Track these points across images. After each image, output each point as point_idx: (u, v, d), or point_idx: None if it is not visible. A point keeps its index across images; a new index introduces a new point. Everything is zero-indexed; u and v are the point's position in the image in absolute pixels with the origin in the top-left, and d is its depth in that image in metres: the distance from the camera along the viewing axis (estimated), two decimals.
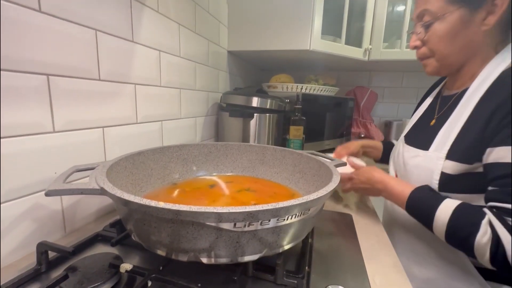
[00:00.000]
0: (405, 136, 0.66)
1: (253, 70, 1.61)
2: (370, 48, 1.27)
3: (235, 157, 0.69)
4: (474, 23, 0.48)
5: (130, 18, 0.60)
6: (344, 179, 0.63)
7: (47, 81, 0.43)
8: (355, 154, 0.79)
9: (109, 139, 0.57)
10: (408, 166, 0.57)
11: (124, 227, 0.46)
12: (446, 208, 0.45)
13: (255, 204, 0.28)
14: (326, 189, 0.34)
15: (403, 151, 0.61)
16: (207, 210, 0.27)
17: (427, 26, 0.52)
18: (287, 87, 1.24)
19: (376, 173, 0.57)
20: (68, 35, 0.46)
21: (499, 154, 0.42)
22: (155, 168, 0.57)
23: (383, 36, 1.27)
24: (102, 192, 0.33)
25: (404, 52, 1.26)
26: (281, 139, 1.07)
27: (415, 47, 0.56)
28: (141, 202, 0.28)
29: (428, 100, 0.66)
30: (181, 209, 0.27)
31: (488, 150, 0.44)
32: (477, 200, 0.47)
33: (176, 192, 0.55)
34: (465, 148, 0.47)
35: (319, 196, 0.32)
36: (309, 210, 0.33)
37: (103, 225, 0.49)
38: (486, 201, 0.45)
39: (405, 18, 1.22)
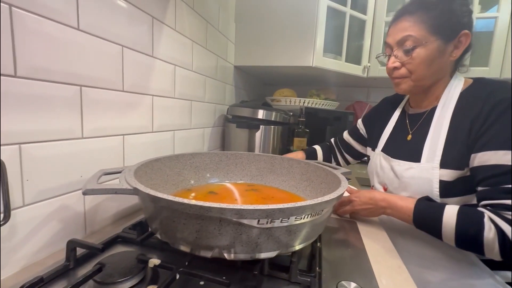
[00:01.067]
0: (384, 151, 0.70)
1: (257, 84, 1.67)
2: (369, 66, 1.35)
3: (244, 165, 0.72)
4: (446, 53, 0.57)
5: (152, 35, 0.65)
6: (343, 202, 0.65)
7: (79, 92, 0.47)
8: None
9: (127, 146, 0.60)
10: (403, 178, 0.61)
11: (144, 229, 0.48)
12: (450, 215, 0.49)
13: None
14: (337, 191, 0.38)
15: (391, 165, 0.65)
16: (235, 207, 0.30)
17: (409, 51, 0.58)
18: (290, 101, 1.30)
19: (377, 193, 0.60)
20: (100, 50, 0.50)
21: (482, 158, 0.49)
22: (171, 174, 0.60)
23: None
24: (134, 191, 0.36)
25: None
26: (285, 150, 1.11)
27: (395, 68, 0.61)
28: (175, 200, 0.31)
29: (394, 117, 0.73)
30: (212, 205, 0.30)
31: (472, 155, 0.51)
32: (472, 199, 0.54)
33: (191, 196, 0.58)
34: (454, 157, 0.54)
35: (331, 198, 0.35)
36: (322, 210, 0.36)
37: (120, 227, 0.52)
38: (478, 200, 0.50)
39: None
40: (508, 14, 1.17)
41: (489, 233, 0.45)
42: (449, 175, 0.54)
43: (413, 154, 0.61)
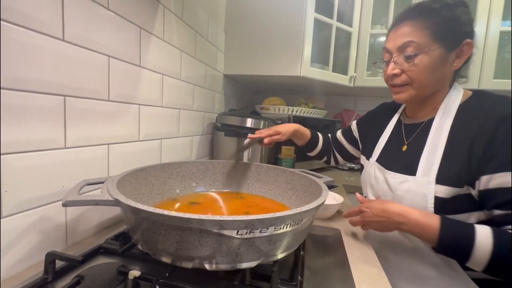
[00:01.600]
0: (379, 161, 0.67)
1: (247, 92, 1.69)
2: (355, 76, 1.39)
3: (231, 174, 0.73)
4: (448, 63, 0.55)
5: (139, 45, 0.66)
6: (354, 212, 0.60)
7: (63, 102, 0.47)
8: (283, 139, 0.80)
9: (113, 155, 0.60)
10: (398, 191, 0.57)
11: (127, 239, 0.48)
12: (484, 237, 0.45)
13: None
14: (317, 202, 0.39)
15: (385, 176, 0.62)
16: (214, 218, 0.31)
17: (410, 57, 0.55)
18: (279, 109, 1.32)
19: (392, 205, 0.53)
20: (85, 60, 0.51)
21: (499, 180, 0.46)
22: (156, 183, 0.60)
23: (367, 65, 1.39)
24: (115, 203, 0.36)
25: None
26: (273, 159, 1.12)
27: (395, 75, 0.58)
28: (155, 211, 0.32)
29: (390, 126, 0.71)
30: (191, 217, 0.31)
31: (486, 177, 0.47)
32: (470, 218, 0.51)
33: (176, 206, 0.58)
34: (452, 173, 0.51)
35: (310, 208, 0.37)
36: (302, 220, 0.37)
37: (103, 238, 0.51)
38: (499, 224, 0.47)
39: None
40: (484, 27, 1.23)
41: None
42: (445, 191, 0.51)
43: (409, 166, 0.58)
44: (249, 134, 0.75)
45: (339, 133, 0.92)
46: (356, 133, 0.86)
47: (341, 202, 0.73)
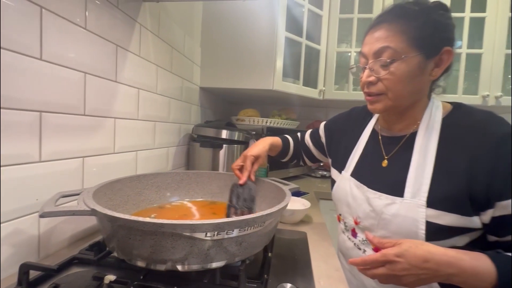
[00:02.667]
0: (355, 176, 0.62)
1: (223, 104, 1.74)
2: (324, 89, 1.50)
3: (205, 184, 0.77)
4: (426, 71, 0.51)
5: (115, 61, 0.69)
6: (373, 262, 0.44)
7: (39, 117, 0.49)
8: (263, 162, 0.72)
9: (87, 168, 0.62)
10: (384, 214, 0.52)
11: (102, 248, 0.50)
12: None
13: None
14: (277, 206, 0.44)
15: (368, 196, 0.56)
16: (184, 222, 0.35)
17: (386, 64, 0.50)
18: (254, 120, 1.38)
19: (434, 249, 0.43)
20: (62, 77, 0.53)
21: None
22: (131, 194, 0.63)
23: (334, 80, 1.51)
24: (92, 212, 0.39)
25: (351, 93, 1.50)
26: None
27: (370, 83, 0.54)
28: (131, 218, 0.35)
29: (364, 137, 0.65)
30: (164, 222, 0.35)
31: (503, 203, 0.44)
32: (460, 241, 0.48)
33: (153, 216, 0.60)
34: (446, 196, 0.47)
35: (272, 211, 0.42)
36: (264, 222, 0.42)
37: (76, 249, 0.53)
38: (508, 249, 0.45)
39: (351, 64, 1.48)
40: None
41: None
42: (437, 216, 0.47)
43: (394, 186, 0.53)
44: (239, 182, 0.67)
45: (307, 136, 0.85)
46: (323, 139, 0.80)
47: (308, 207, 0.80)
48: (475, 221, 0.47)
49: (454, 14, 1.44)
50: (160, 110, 0.93)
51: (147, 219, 0.35)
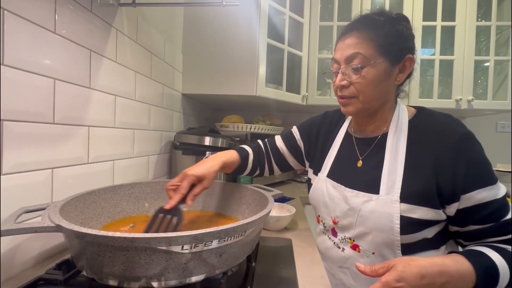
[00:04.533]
0: (331, 177, 0.64)
1: (207, 110, 1.72)
2: (307, 95, 1.51)
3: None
4: (392, 76, 0.56)
5: (89, 67, 0.66)
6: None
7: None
8: (209, 186, 0.60)
9: (57, 180, 0.57)
10: (361, 211, 0.55)
11: (72, 267, 0.46)
12: (500, 263, 0.46)
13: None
14: (258, 214, 0.43)
15: (345, 195, 0.59)
16: (159, 236, 0.33)
17: (357, 69, 0.54)
18: (238, 127, 1.37)
19: (424, 262, 0.44)
20: (27, 84, 0.50)
21: (477, 197, 0.49)
22: (106, 206, 0.59)
23: (316, 85, 1.53)
24: (57, 229, 0.36)
25: (333, 98, 1.53)
26: (231, 175, 1.15)
27: (343, 86, 0.57)
28: (99, 234, 0.32)
29: (338, 139, 0.68)
30: (136, 236, 0.32)
31: (466, 196, 0.49)
32: (429, 233, 0.52)
33: (126, 227, 0.57)
34: (416, 192, 0.51)
35: (252, 220, 0.40)
36: (245, 231, 0.41)
37: (43, 269, 0.48)
38: (479, 238, 0.51)
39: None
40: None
41: None
42: (410, 210, 0.51)
43: (369, 184, 0.56)
44: (165, 205, 0.54)
45: (279, 142, 0.79)
46: (300, 143, 0.77)
47: (293, 213, 0.79)
48: (442, 214, 0.52)
49: (427, 23, 1.51)
50: (139, 117, 0.90)
51: (118, 234, 0.32)
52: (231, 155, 0.71)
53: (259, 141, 0.83)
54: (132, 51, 0.84)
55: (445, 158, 0.51)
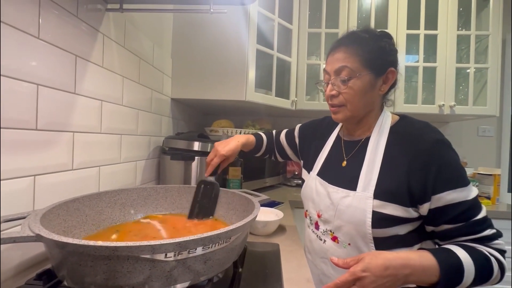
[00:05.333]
0: (320, 175, 0.70)
1: (196, 115, 1.72)
2: (296, 100, 1.53)
3: (174, 198, 0.74)
4: (376, 87, 0.62)
5: (74, 72, 0.65)
6: (346, 282, 0.46)
7: None
8: (232, 160, 0.78)
9: (40, 187, 0.56)
10: (339, 206, 0.60)
11: (53, 277, 0.45)
12: (465, 260, 0.49)
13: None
14: (243, 221, 0.43)
15: (328, 191, 0.65)
16: (141, 244, 0.33)
17: (345, 81, 0.60)
18: (227, 131, 1.37)
19: (390, 255, 0.49)
20: (8, 90, 0.49)
21: (448, 198, 0.52)
22: (90, 214, 0.58)
23: (305, 90, 1.56)
24: (37, 238, 0.35)
25: (322, 103, 1.55)
26: (221, 180, 1.15)
27: (333, 96, 0.63)
28: (80, 243, 0.32)
29: (330, 142, 0.75)
30: (118, 245, 0.32)
31: (436, 197, 0.52)
32: (401, 230, 0.56)
33: (111, 236, 0.56)
34: (388, 190, 0.56)
35: (237, 226, 0.41)
36: (230, 238, 0.41)
37: (23, 280, 0.47)
38: (451, 237, 0.54)
39: (321, 76, 1.54)
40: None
41: (495, 265, 0.50)
42: (382, 206, 0.55)
43: (350, 181, 0.61)
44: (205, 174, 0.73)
45: (283, 135, 0.93)
46: (297, 139, 0.88)
47: (281, 217, 0.79)
48: (412, 212, 0.55)
49: (410, 31, 1.56)
50: (127, 122, 0.89)
51: (99, 243, 0.32)
52: (250, 138, 0.87)
53: (274, 131, 0.98)
54: (120, 56, 0.83)
55: (418, 161, 0.55)
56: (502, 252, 0.53)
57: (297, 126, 0.90)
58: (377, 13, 1.53)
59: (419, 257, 0.49)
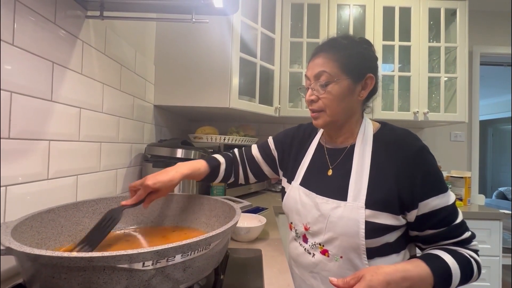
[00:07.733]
0: (303, 185, 0.67)
1: (180, 121, 1.70)
2: (279, 107, 1.57)
3: (156, 207, 0.73)
4: (355, 93, 0.62)
5: (51, 80, 0.64)
6: None
7: None
8: (164, 195, 0.66)
9: (11, 198, 0.54)
10: (331, 217, 0.58)
11: None
12: (453, 265, 0.52)
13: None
14: (223, 227, 0.44)
15: (316, 202, 0.62)
16: (118, 253, 0.32)
17: (324, 85, 0.60)
18: (211, 138, 1.37)
19: (389, 270, 0.50)
20: None
21: (433, 204, 0.54)
22: (66, 225, 0.57)
23: (288, 98, 1.59)
24: (7, 251, 0.34)
25: (304, 110, 1.59)
26: (204, 187, 1.14)
27: (312, 101, 0.63)
28: (53, 255, 0.31)
29: (311, 150, 0.72)
30: (93, 255, 0.32)
31: (422, 203, 0.54)
32: (391, 237, 0.57)
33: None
34: (379, 199, 0.56)
35: (216, 233, 0.41)
36: (210, 245, 0.41)
37: None
38: (435, 241, 0.57)
39: (303, 83, 1.58)
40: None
41: (475, 266, 0.54)
42: (374, 215, 0.55)
43: (338, 191, 0.60)
44: (121, 202, 0.61)
45: (255, 151, 0.83)
46: (274, 152, 0.81)
47: (264, 223, 0.80)
48: (401, 220, 0.57)
49: (386, 42, 1.65)
50: (107, 130, 0.88)
51: (74, 254, 0.32)
52: (199, 166, 0.73)
53: (236, 150, 0.86)
54: (100, 63, 0.82)
55: (404, 170, 0.56)
56: (477, 251, 0.57)
57: (270, 139, 0.84)
58: (355, 25, 1.60)
59: (415, 268, 0.51)
